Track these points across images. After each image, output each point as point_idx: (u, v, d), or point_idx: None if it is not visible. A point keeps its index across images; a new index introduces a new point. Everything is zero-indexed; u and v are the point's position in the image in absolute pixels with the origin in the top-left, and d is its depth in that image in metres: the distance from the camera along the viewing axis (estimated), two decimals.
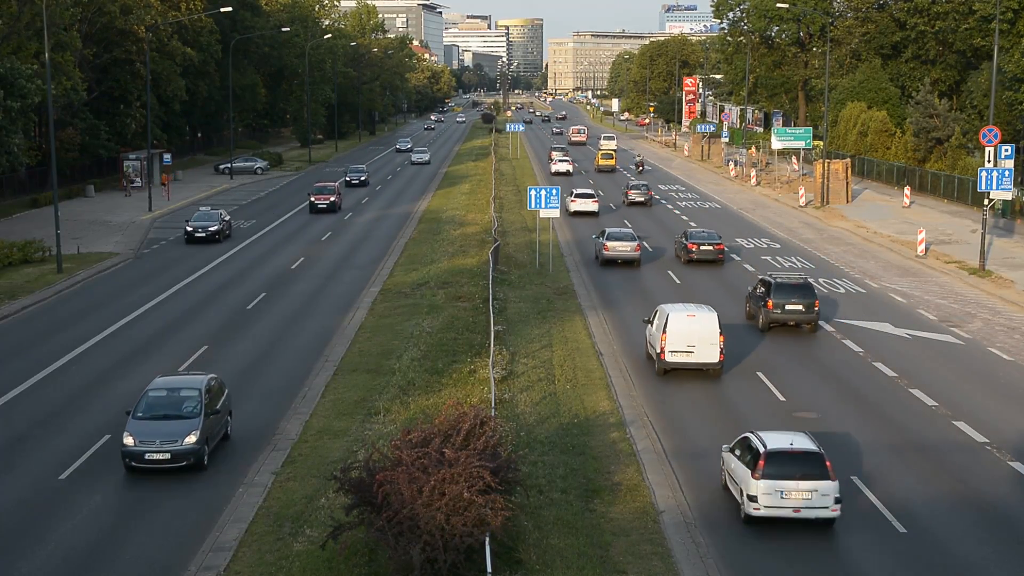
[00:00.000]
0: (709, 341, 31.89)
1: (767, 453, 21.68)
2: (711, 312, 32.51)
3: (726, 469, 23.41)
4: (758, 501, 21.45)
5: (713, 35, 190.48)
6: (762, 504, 21.42)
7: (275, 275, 49.10)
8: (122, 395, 30.68)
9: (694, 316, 32.16)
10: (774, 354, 35.13)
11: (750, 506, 21.58)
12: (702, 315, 32.28)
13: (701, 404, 30.17)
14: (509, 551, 19.97)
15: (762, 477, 21.44)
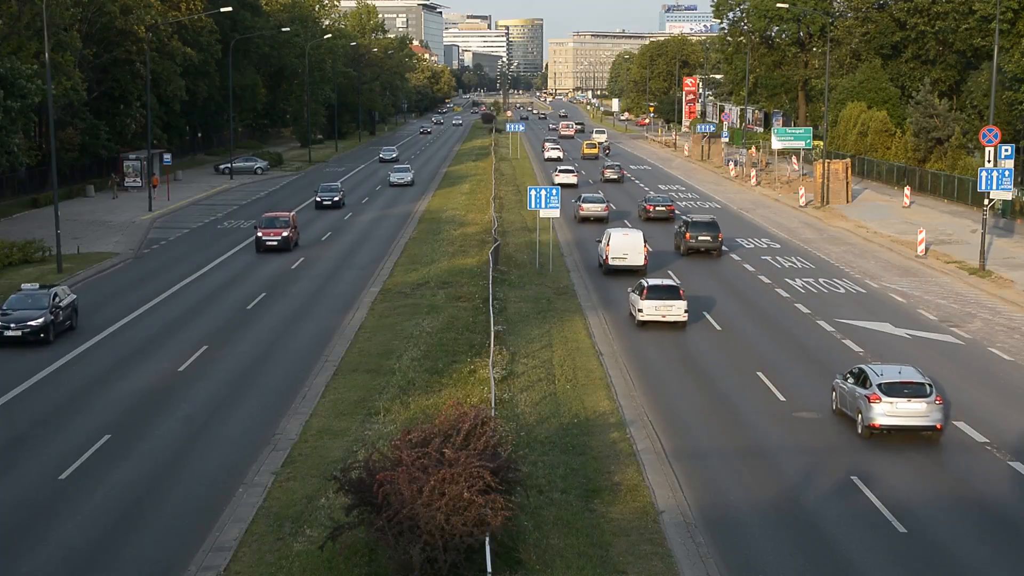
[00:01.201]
0: (636, 250, 46.84)
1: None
2: (639, 232, 48.04)
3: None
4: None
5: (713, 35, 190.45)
6: None
7: (275, 275, 49.10)
8: (122, 395, 30.72)
9: (627, 235, 47.57)
10: (774, 354, 35.13)
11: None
12: (633, 234, 47.69)
13: (701, 404, 30.17)
14: (509, 551, 19.98)
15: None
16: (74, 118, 77.19)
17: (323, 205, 73.24)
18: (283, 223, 55.57)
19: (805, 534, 21.86)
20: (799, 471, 25.15)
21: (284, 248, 54.38)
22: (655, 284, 38.66)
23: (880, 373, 27.30)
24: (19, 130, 59.39)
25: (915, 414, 26.47)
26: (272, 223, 55.65)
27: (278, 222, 55.80)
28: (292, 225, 55.84)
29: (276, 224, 55.47)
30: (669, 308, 37.70)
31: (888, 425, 26.48)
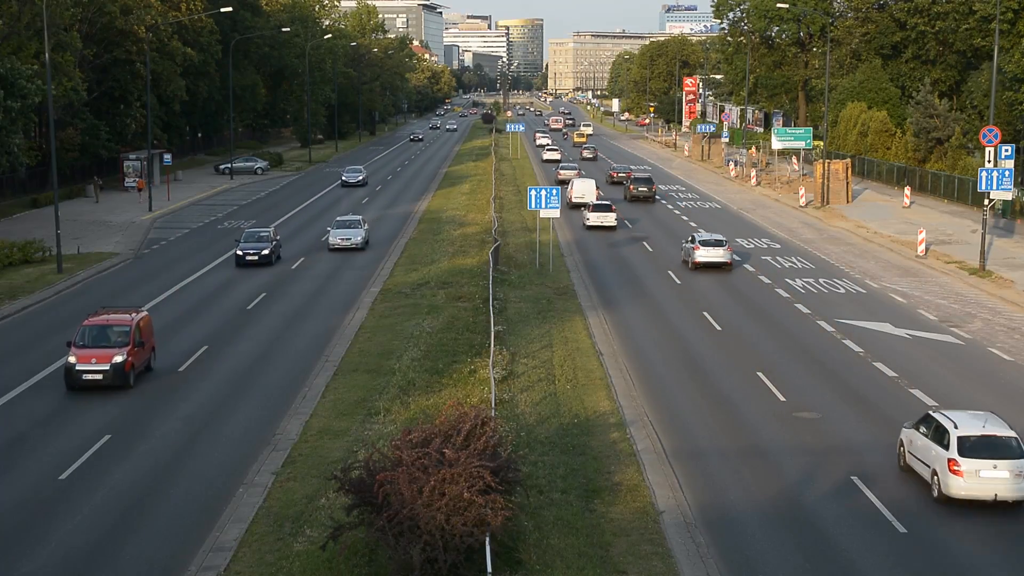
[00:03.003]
0: (591, 192, 69.25)
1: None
2: (592, 180, 74.49)
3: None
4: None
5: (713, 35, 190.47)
6: None
7: (275, 275, 49.09)
8: (122, 394, 30.69)
9: (584, 182, 72.62)
10: (774, 354, 35.13)
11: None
12: (588, 181, 73.14)
13: (701, 404, 30.17)
14: (509, 551, 19.98)
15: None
16: (74, 118, 77.19)
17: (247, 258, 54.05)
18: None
19: (805, 534, 21.86)
20: (799, 471, 25.15)
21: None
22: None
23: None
24: (19, 130, 59.35)
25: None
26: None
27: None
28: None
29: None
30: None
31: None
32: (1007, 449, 22.42)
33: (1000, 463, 22.16)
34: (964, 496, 22.51)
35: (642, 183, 76.12)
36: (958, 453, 22.39)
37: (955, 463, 22.35)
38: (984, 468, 22.18)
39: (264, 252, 50.87)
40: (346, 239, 55.40)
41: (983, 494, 22.32)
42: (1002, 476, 22.14)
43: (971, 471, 22.20)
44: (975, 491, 22.30)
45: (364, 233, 56.66)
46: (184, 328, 38.90)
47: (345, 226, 56.76)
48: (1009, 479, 22.10)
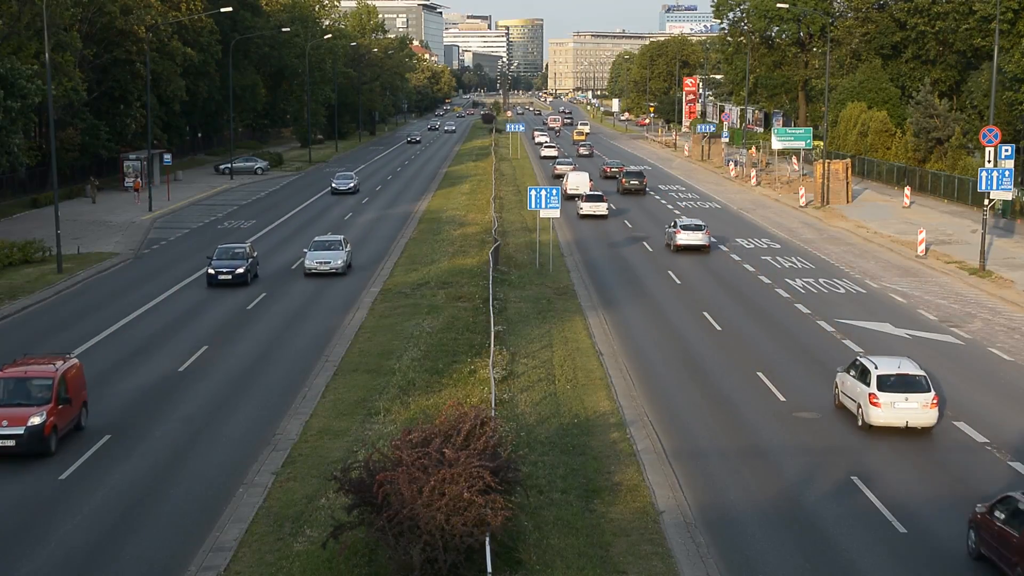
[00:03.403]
0: (585, 184, 73.63)
1: None
2: (586, 173, 78.74)
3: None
4: None
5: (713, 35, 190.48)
6: None
7: (275, 275, 49.08)
8: (122, 395, 30.72)
9: (579, 175, 76.53)
10: (774, 354, 35.13)
11: None
12: (583, 174, 77.16)
13: (701, 404, 30.17)
14: (509, 551, 19.98)
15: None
16: (74, 118, 77.20)
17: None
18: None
19: (805, 534, 21.86)
20: (799, 471, 25.15)
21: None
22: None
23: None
24: (19, 130, 59.34)
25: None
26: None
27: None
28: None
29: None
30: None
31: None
32: (917, 385, 27.23)
33: (911, 396, 27.02)
34: (882, 423, 27.13)
35: (634, 177, 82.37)
36: (877, 388, 27.12)
37: (875, 397, 27.10)
38: (898, 401, 27.02)
39: (239, 271, 46.07)
40: (324, 263, 48.21)
41: (897, 421, 27.07)
42: (912, 407, 27.01)
43: (887, 403, 26.98)
44: (891, 419, 27.06)
45: (346, 256, 49.22)
46: (184, 328, 38.90)
47: (324, 247, 49.53)
48: (918, 409, 27.00)
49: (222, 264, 46.34)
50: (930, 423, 27.25)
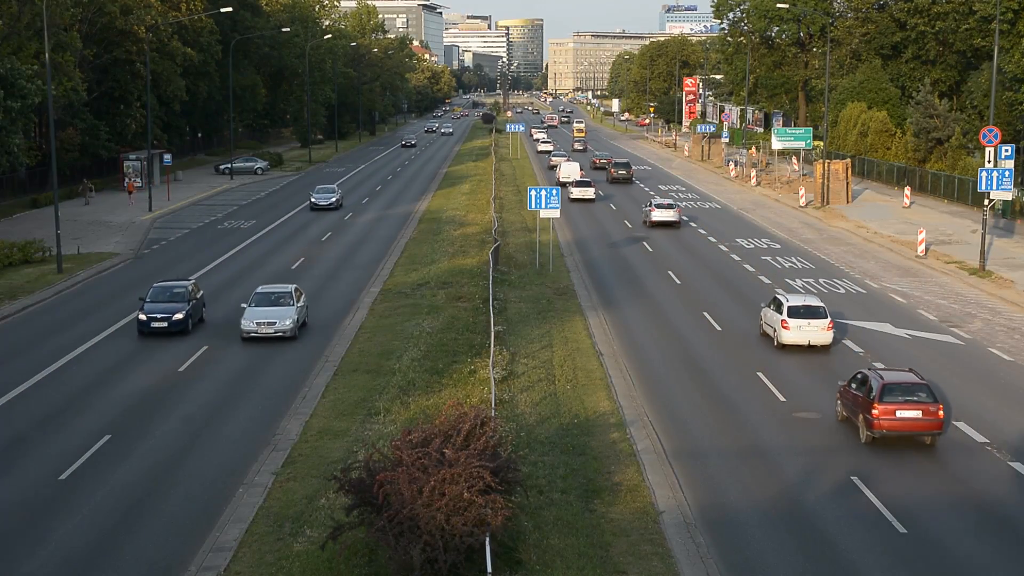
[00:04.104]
0: (576, 173, 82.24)
1: None
2: (577, 163, 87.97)
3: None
4: None
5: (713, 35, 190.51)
6: None
7: (275, 275, 49.02)
8: (122, 395, 30.72)
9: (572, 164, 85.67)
10: (774, 354, 35.12)
11: None
12: (574, 164, 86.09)
13: (701, 404, 30.17)
14: (509, 551, 19.98)
15: None
16: (74, 118, 77.20)
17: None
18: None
19: (805, 534, 21.86)
20: (799, 471, 25.15)
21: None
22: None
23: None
24: (19, 130, 59.35)
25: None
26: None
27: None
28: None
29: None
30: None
31: None
32: (818, 313, 35.28)
33: (813, 322, 34.99)
34: (790, 342, 35.14)
35: (621, 167, 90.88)
36: (788, 316, 35.08)
37: (785, 322, 35.12)
38: (803, 325, 34.90)
39: (176, 317, 37.00)
40: (268, 323, 36.04)
41: (802, 340, 35.13)
42: (813, 330, 34.99)
43: (795, 327, 34.92)
44: (797, 339, 35.09)
45: (295, 313, 36.77)
46: None
47: (268, 301, 37.23)
48: (817, 331, 35.00)
49: (157, 308, 37.11)
50: (826, 342, 35.35)
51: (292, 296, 37.68)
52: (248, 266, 51.64)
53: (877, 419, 26.00)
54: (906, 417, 26.01)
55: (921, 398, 26.30)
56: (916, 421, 26.03)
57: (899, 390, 26.35)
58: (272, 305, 36.95)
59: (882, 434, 26.12)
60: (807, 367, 33.80)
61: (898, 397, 26.21)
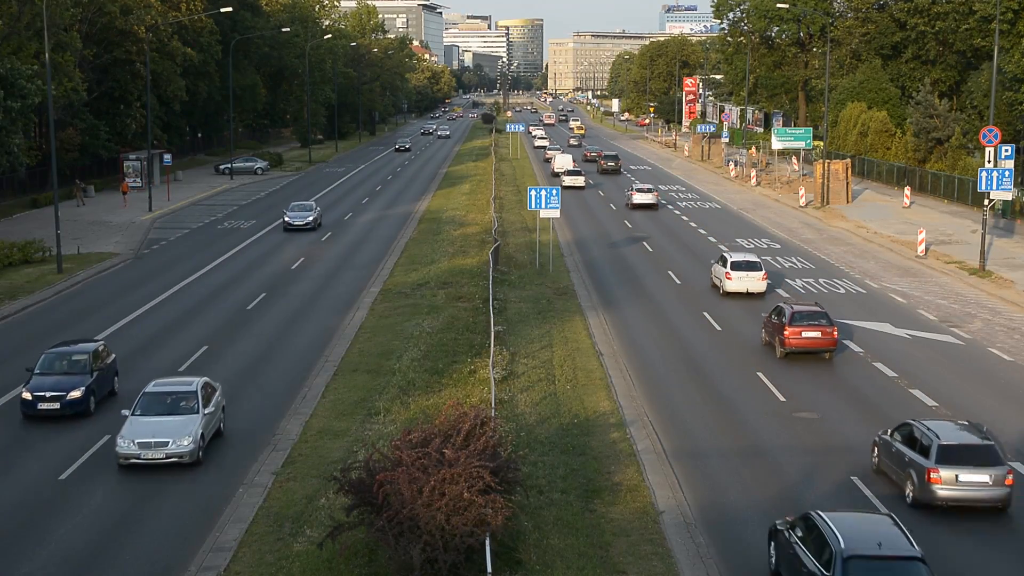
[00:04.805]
0: (570, 163, 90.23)
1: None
2: (570, 154, 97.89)
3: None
4: None
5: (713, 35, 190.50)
6: None
7: (275, 275, 49.09)
8: (122, 395, 30.68)
9: (565, 155, 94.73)
10: (774, 354, 35.09)
11: None
12: (567, 155, 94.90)
13: (701, 404, 30.17)
14: (509, 551, 19.98)
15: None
16: (74, 118, 77.19)
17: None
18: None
19: None
20: (799, 471, 25.15)
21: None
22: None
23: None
24: (19, 130, 59.35)
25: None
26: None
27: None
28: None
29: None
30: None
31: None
32: (755, 266, 43.26)
33: (751, 273, 42.88)
34: (733, 290, 42.94)
35: (610, 159, 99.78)
36: (731, 269, 43.12)
37: (729, 274, 42.94)
38: (743, 276, 42.80)
39: (73, 395, 28.58)
40: (158, 443, 25.01)
41: (741, 288, 42.73)
42: (751, 279, 42.80)
43: (736, 277, 42.94)
44: (738, 287, 42.87)
45: (201, 424, 25.69)
46: (184, 328, 38.91)
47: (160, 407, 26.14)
48: (754, 281, 42.78)
49: (47, 384, 28.86)
50: (761, 290, 42.80)
51: (198, 397, 26.31)
52: (247, 266, 51.65)
53: (788, 338, 33.51)
54: (809, 336, 33.43)
55: (821, 323, 33.65)
56: (817, 339, 33.48)
57: (804, 316, 33.87)
58: (166, 413, 25.89)
59: (792, 349, 33.56)
60: (807, 367, 33.78)
61: (803, 322, 33.62)
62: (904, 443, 23.48)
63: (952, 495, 22.18)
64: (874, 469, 24.87)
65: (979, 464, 22.16)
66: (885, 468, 24.31)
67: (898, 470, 23.55)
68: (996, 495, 22.14)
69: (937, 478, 22.10)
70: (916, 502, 22.64)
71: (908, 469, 22.97)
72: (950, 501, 22.26)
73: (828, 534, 18.03)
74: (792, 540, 19.00)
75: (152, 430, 25.28)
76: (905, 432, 23.74)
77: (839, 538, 17.70)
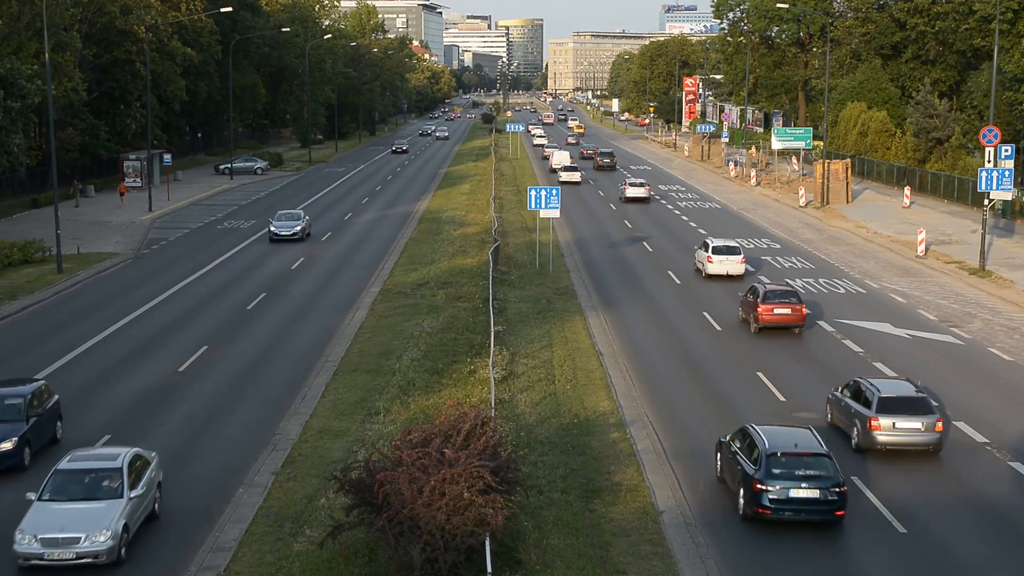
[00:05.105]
0: (567, 159, 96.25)
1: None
2: (567, 151, 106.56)
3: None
4: None
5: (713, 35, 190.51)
6: None
7: (275, 275, 49.09)
8: (122, 395, 30.73)
9: (562, 152, 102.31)
10: (774, 354, 35.12)
11: None
12: (565, 152, 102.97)
13: (701, 404, 30.17)
14: (509, 551, 19.98)
15: None
16: (74, 118, 77.18)
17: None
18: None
19: (805, 534, 21.83)
20: None
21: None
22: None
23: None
24: (19, 130, 59.34)
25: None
26: None
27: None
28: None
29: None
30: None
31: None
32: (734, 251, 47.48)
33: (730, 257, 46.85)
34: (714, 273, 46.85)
35: (606, 156, 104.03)
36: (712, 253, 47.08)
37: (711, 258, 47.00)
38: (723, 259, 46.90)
39: (3, 448, 24.70)
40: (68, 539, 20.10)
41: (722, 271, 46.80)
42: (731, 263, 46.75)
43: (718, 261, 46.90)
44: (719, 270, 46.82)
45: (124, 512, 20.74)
46: (184, 328, 38.90)
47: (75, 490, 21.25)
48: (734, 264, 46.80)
49: None
50: (740, 272, 46.81)
51: (123, 476, 21.31)
52: (247, 266, 51.65)
53: (761, 314, 36.84)
54: (780, 312, 36.74)
55: (791, 301, 36.98)
56: (787, 315, 36.77)
57: (777, 295, 37.36)
58: (82, 498, 21.00)
59: (765, 324, 36.92)
60: (808, 368, 33.80)
61: (776, 300, 37.06)
62: (851, 398, 26.81)
63: (890, 440, 25.57)
64: (828, 423, 27.96)
65: (913, 413, 25.57)
66: (836, 421, 27.65)
67: (846, 421, 26.86)
68: (928, 439, 25.56)
69: (877, 425, 25.52)
70: (860, 447, 25.98)
71: (854, 419, 26.28)
72: (888, 445, 25.61)
73: (757, 439, 22.58)
74: (732, 448, 23.47)
75: (60, 521, 20.17)
76: (852, 388, 27.10)
77: (765, 441, 22.40)
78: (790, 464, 21.83)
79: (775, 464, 21.79)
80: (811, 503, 21.60)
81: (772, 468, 21.71)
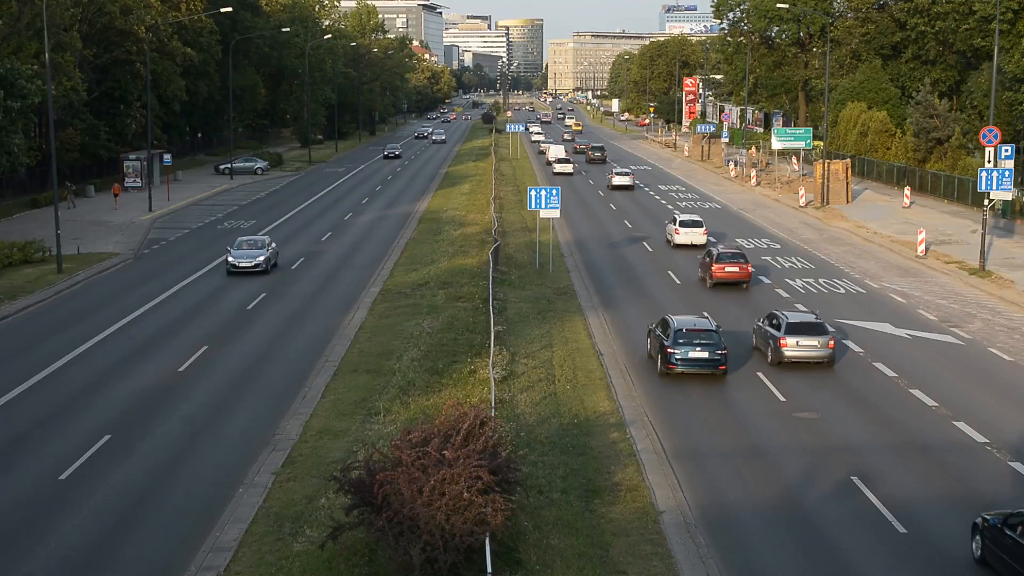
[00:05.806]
0: (562, 153, 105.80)
1: None
2: (562, 145, 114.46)
3: None
4: None
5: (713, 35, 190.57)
6: None
7: (275, 275, 49.03)
8: (122, 395, 30.72)
9: (558, 146, 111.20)
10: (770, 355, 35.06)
11: None
12: (559, 147, 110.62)
13: (701, 404, 30.17)
14: (509, 551, 19.97)
15: None
16: (74, 118, 77.19)
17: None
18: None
19: (805, 534, 21.85)
20: (799, 471, 25.15)
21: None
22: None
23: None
24: (19, 130, 59.33)
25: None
26: None
27: None
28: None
29: None
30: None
31: None
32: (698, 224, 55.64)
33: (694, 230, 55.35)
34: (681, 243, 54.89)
35: (597, 150, 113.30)
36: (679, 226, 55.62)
37: (677, 231, 55.17)
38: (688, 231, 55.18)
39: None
40: None
41: (687, 241, 54.93)
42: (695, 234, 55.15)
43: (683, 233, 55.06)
44: (685, 240, 54.93)
45: None
46: (184, 328, 38.90)
47: None
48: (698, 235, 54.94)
49: None
50: (702, 243, 53.95)
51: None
52: None
53: (714, 272, 44.76)
54: (730, 271, 44.74)
55: (739, 261, 44.97)
56: (735, 273, 44.75)
57: (727, 256, 45.33)
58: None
59: (718, 280, 44.86)
60: (808, 368, 33.79)
61: (726, 260, 44.99)
62: (768, 325, 34.06)
63: (794, 355, 32.85)
64: (753, 347, 35.16)
65: (812, 334, 32.90)
66: (758, 344, 34.92)
67: (763, 342, 34.26)
68: (823, 354, 32.99)
69: (784, 343, 32.81)
70: (772, 361, 33.26)
71: (768, 340, 33.61)
72: (793, 359, 32.90)
73: (671, 322, 32.47)
74: (656, 332, 33.32)
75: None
76: (769, 317, 34.43)
77: (675, 322, 32.39)
78: (690, 336, 31.63)
79: (680, 336, 31.62)
80: (702, 362, 31.63)
81: (678, 340, 31.58)
